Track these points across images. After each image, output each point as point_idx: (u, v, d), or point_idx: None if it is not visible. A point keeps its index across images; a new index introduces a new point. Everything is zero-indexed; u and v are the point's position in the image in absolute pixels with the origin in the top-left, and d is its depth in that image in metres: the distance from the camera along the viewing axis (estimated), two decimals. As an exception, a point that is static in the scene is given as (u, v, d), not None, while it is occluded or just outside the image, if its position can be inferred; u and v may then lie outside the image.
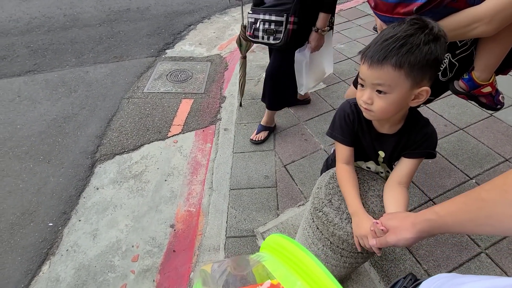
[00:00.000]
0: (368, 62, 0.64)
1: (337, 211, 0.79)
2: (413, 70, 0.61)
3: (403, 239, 0.58)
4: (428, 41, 0.60)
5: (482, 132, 1.89)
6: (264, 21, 1.39)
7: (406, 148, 0.79)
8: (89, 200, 1.74)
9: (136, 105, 2.40)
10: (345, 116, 0.82)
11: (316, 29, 1.36)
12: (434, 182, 1.63)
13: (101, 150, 2.04)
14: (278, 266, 0.44)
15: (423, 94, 0.66)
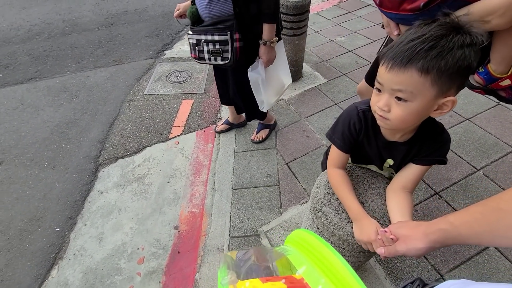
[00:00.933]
0: (388, 64, 0.56)
1: (336, 211, 0.78)
2: (442, 77, 0.53)
3: (414, 248, 0.55)
4: (462, 45, 0.52)
5: (490, 122, 1.84)
6: (207, 41, 1.27)
7: (417, 155, 0.73)
8: (94, 204, 1.76)
9: (137, 108, 2.41)
10: (350, 123, 0.75)
11: (264, 42, 1.25)
12: (440, 175, 1.60)
13: (104, 154, 2.06)
14: (302, 261, 0.43)
15: (448, 105, 0.58)
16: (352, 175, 0.86)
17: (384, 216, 0.76)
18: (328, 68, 2.53)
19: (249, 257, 0.47)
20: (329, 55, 2.67)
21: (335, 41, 2.86)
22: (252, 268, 0.44)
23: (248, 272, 0.44)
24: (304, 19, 2.07)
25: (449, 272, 1.24)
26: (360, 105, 0.76)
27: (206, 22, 1.27)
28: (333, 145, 0.81)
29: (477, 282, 0.40)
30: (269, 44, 1.26)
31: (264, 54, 1.29)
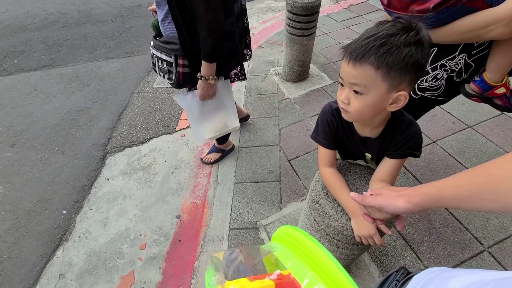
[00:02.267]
0: (347, 59, 0.62)
1: (333, 203, 0.81)
2: (391, 72, 0.58)
3: (393, 205, 0.58)
4: (409, 43, 0.57)
5: (492, 130, 1.86)
6: (157, 57, 1.23)
7: (389, 149, 0.78)
8: (100, 190, 1.82)
9: (146, 100, 2.47)
10: (328, 121, 0.81)
11: (200, 76, 1.18)
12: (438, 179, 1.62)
13: (112, 142, 2.12)
14: (289, 256, 0.44)
15: (401, 99, 0.63)
16: (350, 171, 0.90)
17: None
18: (335, 70, 2.55)
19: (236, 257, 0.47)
20: (336, 57, 2.69)
21: (344, 44, 2.87)
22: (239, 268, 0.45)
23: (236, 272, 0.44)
24: (314, 20, 2.10)
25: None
26: (333, 104, 0.81)
27: (161, 39, 1.23)
28: (319, 146, 0.85)
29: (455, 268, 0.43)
30: (204, 80, 1.18)
31: (199, 88, 1.23)
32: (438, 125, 1.93)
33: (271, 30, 3.30)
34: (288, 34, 2.19)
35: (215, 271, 0.45)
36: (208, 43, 1.06)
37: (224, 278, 0.43)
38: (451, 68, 0.96)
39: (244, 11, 1.27)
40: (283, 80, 2.48)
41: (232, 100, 1.42)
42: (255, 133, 2.04)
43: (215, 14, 1.00)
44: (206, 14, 0.99)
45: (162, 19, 1.17)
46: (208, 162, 1.88)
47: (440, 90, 1.03)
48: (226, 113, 1.45)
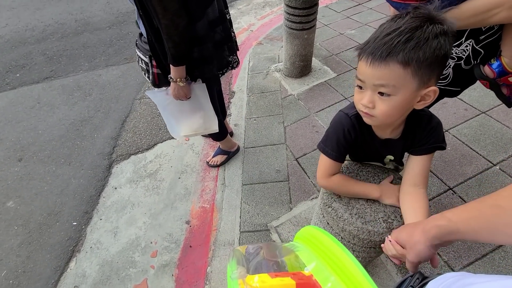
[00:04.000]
0: (368, 60, 0.57)
1: (346, 206, 0.77)
2: (421, 67, 0.54)
3: (421, 252, 0.53)
4: (437, 35, 0.53)
5: (507, 115, 1.78)
6: (138, 56, 1.26)
7: (413, 147, 0.74)
8: (109, 200, 1.82)
9: (148, 105, 2.45)
10: (344, 131, 0.74)
11: (169, 78, 1.18)
12: (454, 170, 1.56)
13: (117, 151, 2.11)
14: (312, 258, 0.43)
15: (430, 95, 0.59)
16: (363, 171, 0.86)
17: (396, 212, 0.75)
18: (338, 62, 2.49)
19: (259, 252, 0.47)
20: (338, 49, 2.62)
21: (345, 35, 2.81)
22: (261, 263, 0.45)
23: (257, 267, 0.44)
24: (313, 12, 2.04)
25: (462, 269, 1.22)
26: (349, 111, 0.75)
27: (142, 38, 1.23)
28: (324, 156, 0.79)
29: (475, 274, 0.40)
30: (173, 82, 1.18)
31: (171, 88, 1.23)
32: (450, 113, 1.86)
33: (270, 26, 3.24)
34: (288, 28, 2.14)
35: (237, 265, 0.45)
36: (170, 46, 1.04)
37: (245, 272, 0.43)
38: (458, 55, 0.91)
39: (223, 17, 1.22)
40: (285, 76, 2.43)
41: (209, 102, 1.40)
42: (260, 133, 2.01)
43: (173, 18, 0.98)
44: (163, 17, 0.97)
45: (137, 17, 1.17)
46: (214, 165, 1.85)
47: (448, 79, 0.97)
48: (204, 115, 1.45)
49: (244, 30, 3.26)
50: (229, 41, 1.30)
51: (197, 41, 1.15)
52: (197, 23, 1.11)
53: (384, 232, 0.72)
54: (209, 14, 1.14)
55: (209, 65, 1.26)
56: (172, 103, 1.35)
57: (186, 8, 1.01)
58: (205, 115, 1.45)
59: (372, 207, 0.77)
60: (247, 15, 3.59)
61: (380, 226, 0.72)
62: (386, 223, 0.73)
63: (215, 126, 1.51)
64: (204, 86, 1.33)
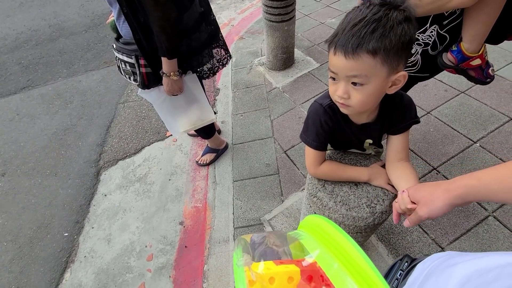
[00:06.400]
0: (339, 52, 0.58)
1: (330, 195, 0.79)
2: (389, 55, 0.56)
3: (436, 209, 0.53)
4: (400, 21, 0.55)
5: (485, 93, 1.83)
6: (120, 60, 1.22)
7: (391, 127, 0.77)
8: (99, 207, 1.79)
9: (132, 109, 2.41)
10: (321, 122, 0.76)
11: (162, 73, 1.17)
12: (437, 150, 1.61)
13: (104, 157, 2.08)
14: (316, 246, 0.44)
15: (400, 80, 0.62)
16: (345, 159, 0.87)
17: (378, 196, 0.78)
18: (320, 52, 2.50)
19: (263, 240, 0.48)
20: (320, 39, 2.63)
21: (326, 24, 2.81)
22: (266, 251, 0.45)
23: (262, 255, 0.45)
24: (291, 3, 2.03)
25: (449, 244, 1.27)
26: (323, 101, 0.77)
27: (121, 40, 1.20)
28: (309, 148, 0.81)
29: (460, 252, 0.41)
30: (166, 76, 1.17)
31: (164, 84, 1.21)
32: (431, 95, 1.90)
33: (250, 19, 3.21)
34: (267, 21, 2.12)
35: (243, 253, 0.46)
36: (163, 39, 1.03)
37: (251, 259, 0.44)
38: (425, 41, 0.93)
39: (208, 10, 1.22)
40: (269, 70, 2.43)
41: (203, 93, 1.40)
42: (247, 128, 2.01)
43: (164, 9, 0.97)
44: (155, 9, 0.96)
45: (116, 18, 1.14)
46: (204, 164, 1.85)
47: (417, 65, 1.00)
48: (199, 106, 1.44)
49: (225, 25, 3.22)
50: (217, 33, 1.29)
51: (184, 33, 1.15)
52: (184, 14, 1.11)
53: (367, 216, 0.74)
54: (195, 5, 1.14)
55: (197, 56, 1.25)
56: (166, 99, 1.35)
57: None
58: (201, 106, 1.45)
59: (356, 193, 0.79)
60: (226, 9, 3.54)
61: (364, 211, 0.75)
62: (369, 208, 0.75)
63: (212, 115, 1.52)
64: (195, 77, 1.33)
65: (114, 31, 1.24)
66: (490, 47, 1.00)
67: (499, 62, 1.98)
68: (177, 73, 1.17)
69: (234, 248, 0.49)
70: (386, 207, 0.76)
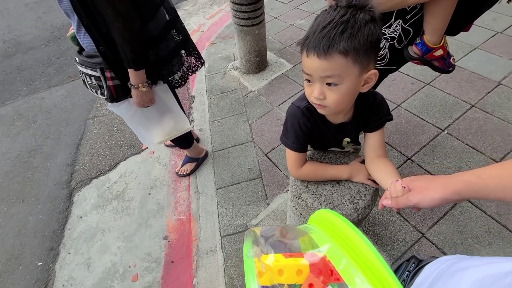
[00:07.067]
0: (312, 54, 0.59)
1: (314, 195, 0.80)
2: (359, 54, 0.58)
3: (429, 198, 0.53)
4: (367, 22, 0.57)
5: (448, 83, 1.95)
6: (85, 74, 1.16)
7: (367, 125, 0.79)
8: (75, 231, 1.68)
9: (103, 124, 2.30)
10: (300, 124, 0.78)
11: (130, 85, 1.12)
12: (409, 141, 1.68)
13: (76, 177, 1.96)
14: (325, 240, 0.44)
15: (372, 78, 0.64)
16: (325, 158, 0.88)
17: (360, 192, 0.79)
18: (292, 53, 2.54)
19: (273, 234, 0.48)
20: (291, 40, 2.67)
21: (296, 25, 2.86)
22: (275, 244, 0.45)
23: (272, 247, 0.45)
24: (260, 7, 2.04)
25: (429, 230, 1.33)
26: (300, 103, 0.78)
27: (84, 53, 1.14)
28: (289, 150, 0.82)
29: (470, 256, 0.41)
30: (135, 88, 1.13)
31: (133, 96, 1.17)
32: (399, 88, 1.99)
33: (220, 24, 3.19)
34: (237, 26, 2.12)
35: (253, 244, 0.46)
36: (128, 51, 0.99)
37: (260, 251, 0.44)
38: (391, 36, 0.99)
39: (176, 17, 1.18)
40: (243, 74, 2.43)
41: (176, 102, 1.37)
42: (226, 134, 1.99)
43: (126, 20, 0.94)
44: (116, 20, 0.92)
45: (76, 30, 1.08)
46: (184, 174, 1.80)
47: (386, 59, 1.05)
48: (173, 116, 1.40)
49: (195, 32, 3.18)
50: (187, 40, 1.26)
51: (151, 43, 1.10)
52: (149, 23, 1.07)
53: (352, 213, 0.75)
54: (161, 14, 1.10)
55: (167, 65, 1.21)
56: (137, 112, 1.29)
57: (136, 9, 0.97)
58: (174, 116, 1.41)
59: (338, 191, 0.80)
60: (195, 15, 3.50)
61: (348, 208, 0.76)
62: (353, 204, 0.77)
63: (187, 124, 1.48)
64: (166, 86, 1.29)
65: (76, 44, 1.17)
66: (449, 40, 1.07)
67: (457, 53, 2.12)
68: (146, 84, 1.12)
69: (244, 240, 0.50)
70: (368, 201, 0.78)
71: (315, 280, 0.40)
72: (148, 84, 1.15)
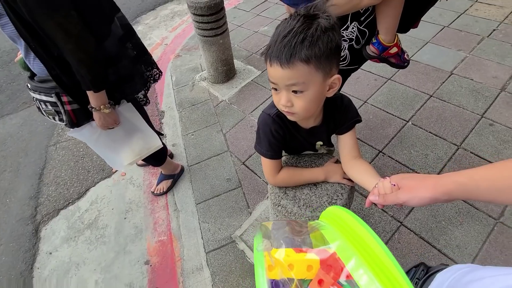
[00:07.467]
0: (275, 64, 0.60)
1: (293, 200, 0.80)
2: (321, 61, 0.60)
3: (418, 197, 0.53)
4: (326, 30, 0.58)
5: (406, 77, 2.08)
6: (38, 100, 1.08)
7: (337, 128, 0.81)
8: (45, 269, 1.54)
9: (67, 149, 2.15)
10: (272, 131, 0.78)
11: (91, 108, 1.06)
12: (379, 134, 1.76)
13: (41, 210, 1.80)
14: (336, 236, 0.43)
15: (336, 83, 0.66)
16: (300, 162, 0.89)
17: (336, 191, 0.80)
18: (259, 59, 2.56)
19: (284, 229, 0.48)
20: (257, 47, 2.71)
21: (260, 32, 2.91)
22: (286, 239, 0.45)
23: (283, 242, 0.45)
24: (222, 17, 2.05)
25: (406, 217, 1.39)
26: (270, 111, 0.78)
27: (36, 78, 1.06)
28: (264, 158, 0.82)
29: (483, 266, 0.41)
30: (96, 111, 1.07)
31: (96, 119, 1.11)
32: (364, 85, 2.08)
33: (184, 36, 3.16)
34: (201, 37, 2.11)
35: (263, 238, 0.46)
36: (84, 72, 0.94)
37: (270, 245, 0.44)
38: (349, 37, 1.04)
39: (130, 31, 1.13)
40: (212, 84, 2.41)
41: (142, 120, 1.31)
42: (201, 146, 1.95)
43: (79, 40, 0.89)
44: (68, 42, 0.87)
45: (25, 55, 1.01)
46: (161, 193, 1.72)
47: (347, 59, 1.11)
48: (142, 135, 1.35)
49: (158, 45, 3.11)
50: (144, 54, 1.21)
51: (109, 61, 1.05)
52: (105, 41, 1.01)
53: (331, 214, 0.75)
54: (115, 30, 1.05)
55: (129, 83, 1.16)
56: (102, 134, 1.22)
57: (89, 27, 0.91)
58: (143, 135, 1.35)
59: (316, 193, 0.80)
60: (157, 29, 3.43)
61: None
62: (331, 204, 0.78)
63: (158, 141, 1.42)
64: (131, 105, 1.23)
65: (26, 69, 1.09)
66: (402, 37, 1.15)
67: (412, 49, 2.27)
68: (108, 105, 1.07)
69: (256, 233, 0.49)
70: (346, 199, 0.79)
71: (326, 276, 0.40)
72: (111, 105, 1.09)
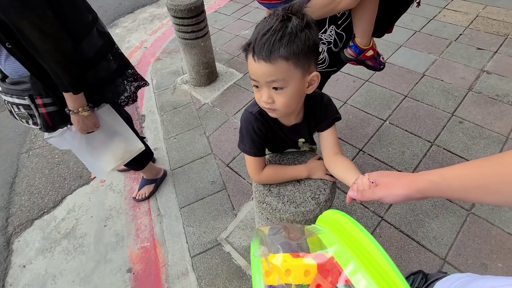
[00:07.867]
0: (255, 61, 0.62)
1: (278, 197, 0.80)
2: (299, 58, 0.61)
3: (393, 194, 0.54)
4: (302, 28, 0.60)
5: (383, 78, 2.17)
6: (11, 103, 1.04)
7: (318, 125, 0.83)
8: (19, 283, 1.45)
9: (41, 156, 2.04)
10: (254, 129, 0.79)
11: (68, 111, 1.03)
12: (358, 134, 1.82)
13: (13, 221, 1.69)
14: (334, 240, 0.43)
15: (315, 80, 0.68)
16: (284, 159, 0.90)
17: (319, 187, 0.82)
18: (241, 62, 2.58)
19: (281, 233, 0.48)
20: (238, 50, 2.69)
21: (241, 35, 2.93)
22: (283, 243, 0.45)
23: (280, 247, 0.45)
24: (203, 19, 2.05)
25: (386, 212, 1.44)
26: (253, 109, 0.80)
27: (8, 80, 1.03)
28: (248, 156, 0.82)
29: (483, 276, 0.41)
30: (74, 114, 1.04)
31: (74, 123, 1.07)
32: (343, 86, 2.15)
33: (164, 39, 3.12)
34: (182, 40, 2.09)
35: (260, 244, 0.45)
36: (62, 74, 0.92)
37: (268, 251, 0.43)
38: (328, 40, 1.07)
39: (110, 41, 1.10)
40: (194, 87, 2.39)
41: (123, 122, 1.28)
42: (184, 150, 1.92)
43: (56, 41, 0.87)
44: (44, 42, 0.85)
45: None
46: (143, 198, 1.68)
47: (326, 62, 1.14)
48: (123, 138, 1.32)
49: (137, 48, 3.05)
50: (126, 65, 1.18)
51: (87, 64, 1.02)
52: (81, 43, 0.98)
53: (314, 208, 0.77)
54: (94, 34, 1.02)
55: (110, 85, 1.13)
56: (82, 139, 1.17)
57: (66, 28, 0.89)
58: (124, 138, 1.32)
59: (300, 190, 0.82)
60: (135, 32, 3.37)
61: (310, 204, 0.78)
62: (314, 200, 0.79)
63: (140, 144, 1.39)
64: (110, 107, 1.20)
65: None
66: (378, 41, 1.20)
67: (387, 52, 2.38)
68: (86, 108, 1.03)
69: (252, 239, 0.49)
70: (328, 195, 0.81)
71: (323, 281, 0.40)
72: (90, 108, 1.06)
